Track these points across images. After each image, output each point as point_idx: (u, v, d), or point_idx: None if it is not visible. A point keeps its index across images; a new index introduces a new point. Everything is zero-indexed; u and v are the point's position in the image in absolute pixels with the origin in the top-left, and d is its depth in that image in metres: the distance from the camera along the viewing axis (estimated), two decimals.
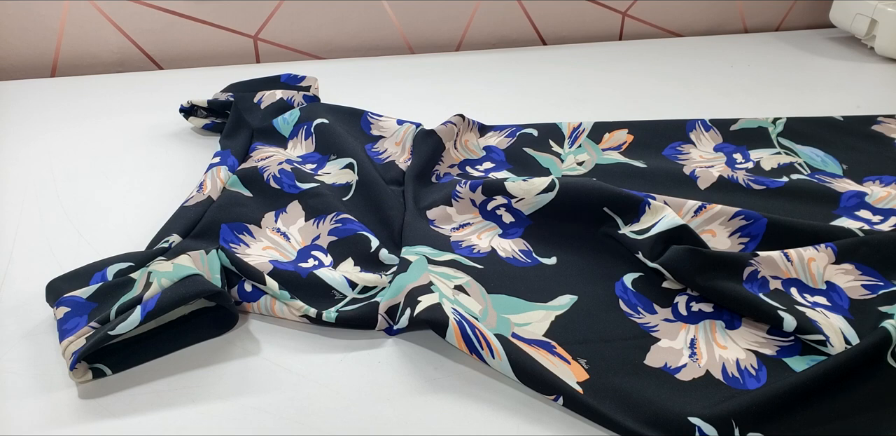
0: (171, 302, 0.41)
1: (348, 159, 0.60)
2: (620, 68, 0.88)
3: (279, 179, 0.56)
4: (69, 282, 0.45)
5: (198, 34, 0.89)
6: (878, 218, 0.54)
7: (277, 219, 0.54)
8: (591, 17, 1.00)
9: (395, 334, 0.45)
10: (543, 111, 0.76)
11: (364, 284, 0.46)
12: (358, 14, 0.93)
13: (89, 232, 0.55)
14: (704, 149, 0.66)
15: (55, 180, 0.62)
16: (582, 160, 0.63)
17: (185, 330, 0.44)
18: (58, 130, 0.71)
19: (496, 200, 0.54)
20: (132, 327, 0.40)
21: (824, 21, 1.01)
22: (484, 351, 0.40)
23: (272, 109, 0.68)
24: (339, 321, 0.44)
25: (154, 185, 0.62)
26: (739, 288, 0.44)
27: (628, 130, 0.67)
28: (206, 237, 0.51)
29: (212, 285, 0.42)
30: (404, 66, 0.89)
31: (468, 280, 0.47)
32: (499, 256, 0.50)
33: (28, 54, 0.86)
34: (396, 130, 0.66)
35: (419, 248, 0.50)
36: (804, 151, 0.65)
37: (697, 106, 0.77)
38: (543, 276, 0.49)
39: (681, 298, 0.46)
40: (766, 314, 0.43)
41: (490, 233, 0.53)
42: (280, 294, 0.45)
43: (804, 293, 0.46)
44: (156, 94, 0.80)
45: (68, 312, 0.43)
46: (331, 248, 0.51)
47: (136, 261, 0.47)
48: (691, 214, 0.52)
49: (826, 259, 0.47)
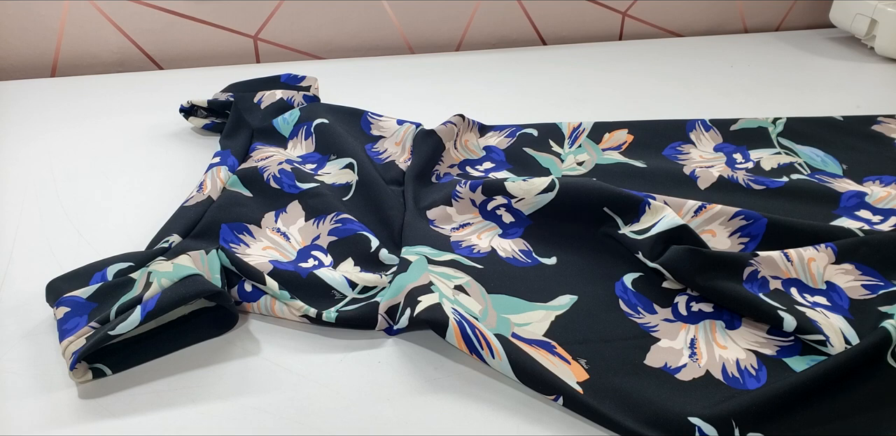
0: (172, 302, 0.41)
1: (348, 159, 0.60)
2: (620, 68, 0.88)
3: (279, 179, 0.56)
4: (69, 282, 0.45)
5: (198, 34, 0.89)
6: (878, 218, 0.54)
7: (277, 219, 0.54)
8: (591, 17, 1.00)
9: (395, 334, 0.44)
10: (543, 111, 0.76)
11: (364, 284, 0.46)
12: (358, 14, 0.93)
13: (89, 232, 0.55)
14: (704, 149, 0.66)
15: (55, 180, 0.62)
16: (582, 160, 0.63)
17: (185, 330, 0.44)
18: (58, 130, 0.71)
19: (496, 200, 0.54)
20: (132, 326, 0.40)
21: (824, 21, 1.00)
22: (484, 351, 0.40)
23: (272, 109, 0.68)
24: (339, 321, 0.44)
25: (154, 185, 0.62)
26: (739, 288, 0.44)
27: (628, 130, 0.67)
28: (207, 237, 0.51)
29: (212, 285, 0.42)
30: (404, 66, 0.89)
31: (468, 280, 0.47)
32: (499, 257, 0.50)
33: (28, 54, 0.86)
34: (396, 129, 0.66)
35: (419, 248, 0.50)
36: (804, 151, 0.65)
37: (697, 106, 0.77)
38: (543, 276, 0.48)
39: (681, 298, 0.46)
40: (766, 314, 0.43)
41: (490, 233, 0.53)
42: (280, 294, 0.45)
43: (804, 293, 0.46)
44: (156, 94, 0.80)
45: (68, 312, 0.43)
46: (331, 248, 0.51)
47: (136, 261, 0.47)
48: (691, 214, 0.52)
49: (826, 259, 0.47)
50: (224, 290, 0.43)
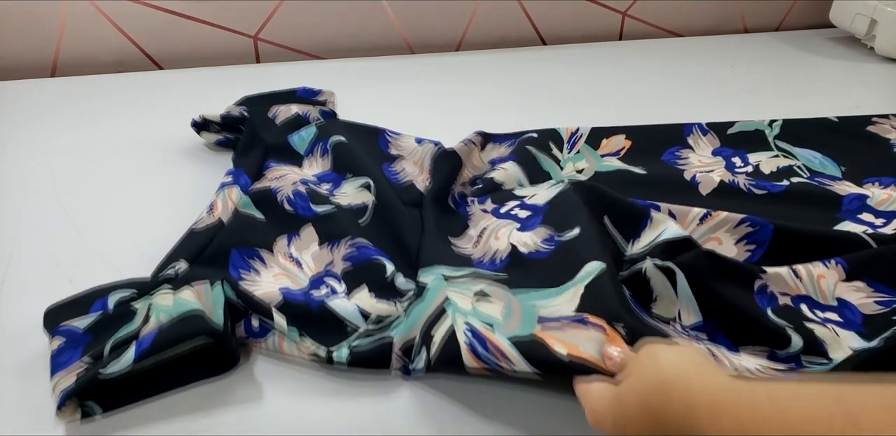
0: (168, 341, 0.39)
1: (365, 179, 0.58)
2: (620, 68, 0.88)
3: (293, 202, 0.54)
4: (68, 310, 0.43)
5: (198, 34, 0.89)
6: (881, 221, 0.54)
7: (290, 244, 0.52)
8: (591, 17, 1.00)
9: (411, 375, 0.42)
10: (543, 111, 0.76)
11: (378, 313, 0.44)
12: (358, 14, 0.93)
13: (89, 232, 0.55)
14: (703, 153, 0.65)
15: (55, 180, 0.62)
16: (581, 168, 0.62)
17: (183, 368, 0.41)
18: (58, 130, 0.71)
19: (508, 205, 0.53)
20: (125, 366, 0.38)
21: (824, 21, 1.00)
22: (501, 361, 0.38)
23: (287, 124, 0.67)
24: (351, 362, 0.41)
25: (154, 184, 0.62)
26: (750, 303, 0.43)
27: (626, 135, 0.67)
28: (216, 264, 0.48)
29: (213, 325, 0.40)
30: (404, 66, 0.88)
31: (489, 283, 0.45)
32: (521, 255, 0.48)
33: (28, 54, 0.86)
34: (415, 149, 0.64)
35: (436, 268, 0.47)
36: (802, 153, 0.65)
37: (697, 106, 0.77)
38: (568, 252, 0.46)
39: (673, 326, 0.44)
40: (773, 332, 0.41)
41: (507, 229, 0.51)
42: (288, 332, 0.42)
43: (815, 309, 0.44)
44: (156, 94, 0.80)
45: (62, 345, 0.41)
46: (345, 275, 0.48)
47: (140, 289, 0.45)
48: (697, 221, 0.51)
49: (836, 276, 0.46)
50: (227, 328, 0.41)
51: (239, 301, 0.44)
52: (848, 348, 0.42)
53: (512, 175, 0.59)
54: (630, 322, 0.39)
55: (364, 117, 0.71)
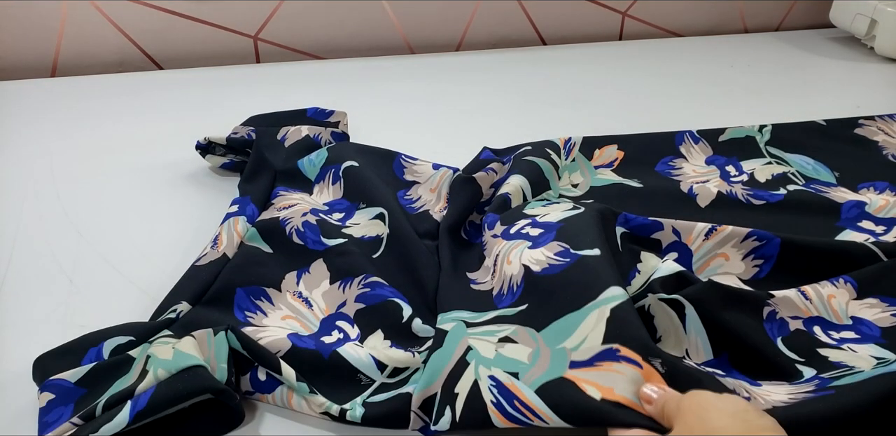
0: (166, 401, 0.36)
1: (379, 209, 0.55)
2: (620, 68, 0.88)
3: (303, 234, 0.51)
4: (59, 359, 0.40)
5: (198, 34, 0.89)
6: (882, 228, 0.53)
7: (299, 281, 0.49)
8: (591, 17, 1.00)
9: (431, 435, 0.38)
10: (543, 111, 0.76)
11: (394, 364, 0.41)
12: (358, 14, 0.93)
13: (89, 232, 0.55)
14: (696, 162, 0.64)
15: (55, 180, 0.62)
16: (577, 182, 0.60)
17: (183, 424, 0.38)
18: (58, 130, 0.71)
19: (518, 225, 0.49)
20: (118, 429, 0.35)
21: (824, 21, 1.00)
22: (532, 419, 0.35)
23: (297, 147, 0.62)
24: (365, 420, 0.38)
25: (154, 184, 0.62)
26: (761, 336, 0.42)
27: (618, 145, 0.65)
28: (220, 304, 0.46)
29: (215, 382, 0.37)
30: (404, 66, 0.89)
31: (514, 329, 0.41)
32: (534, 276, 0.43)
33: (28, 54, 0.86)
34: (432, 175, 0.60)
35: (456, 313, 0.44)
36: (794, 159, 0.64)
37: (697, 106, 0.77)
38: (588, 269, 0.42)
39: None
40: (783, 370, 0.40)
41: (518, 249, 0.46)
42: (298, 387, 0.39)
43: (829, 331, 0.43)
44: (156, 94, 0.80)
45: (52, 401, 0.38)
46: (357, 317, 0.46)
47: (138, 335, 0.41)
48: (702, 237, 0.49)
49: (847, 295, 0.45)
50: (231, 383, 0.39)
51: (244, 352, 0.41)
52: (869, 356, 0.41)
53: (516, 185, 0.56)
54: (669, 358, 0.36)
55: (364, 117, 0.71)
